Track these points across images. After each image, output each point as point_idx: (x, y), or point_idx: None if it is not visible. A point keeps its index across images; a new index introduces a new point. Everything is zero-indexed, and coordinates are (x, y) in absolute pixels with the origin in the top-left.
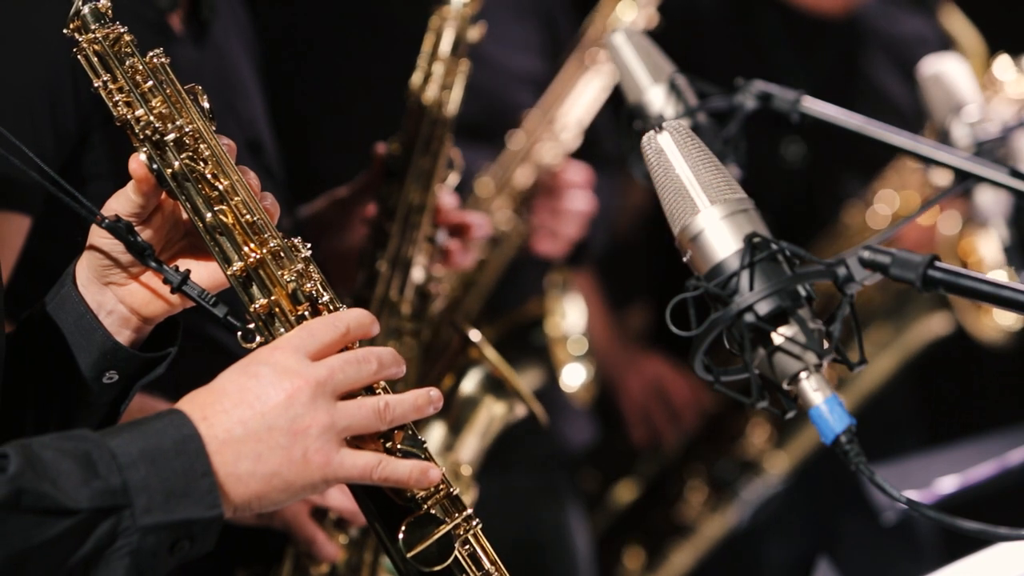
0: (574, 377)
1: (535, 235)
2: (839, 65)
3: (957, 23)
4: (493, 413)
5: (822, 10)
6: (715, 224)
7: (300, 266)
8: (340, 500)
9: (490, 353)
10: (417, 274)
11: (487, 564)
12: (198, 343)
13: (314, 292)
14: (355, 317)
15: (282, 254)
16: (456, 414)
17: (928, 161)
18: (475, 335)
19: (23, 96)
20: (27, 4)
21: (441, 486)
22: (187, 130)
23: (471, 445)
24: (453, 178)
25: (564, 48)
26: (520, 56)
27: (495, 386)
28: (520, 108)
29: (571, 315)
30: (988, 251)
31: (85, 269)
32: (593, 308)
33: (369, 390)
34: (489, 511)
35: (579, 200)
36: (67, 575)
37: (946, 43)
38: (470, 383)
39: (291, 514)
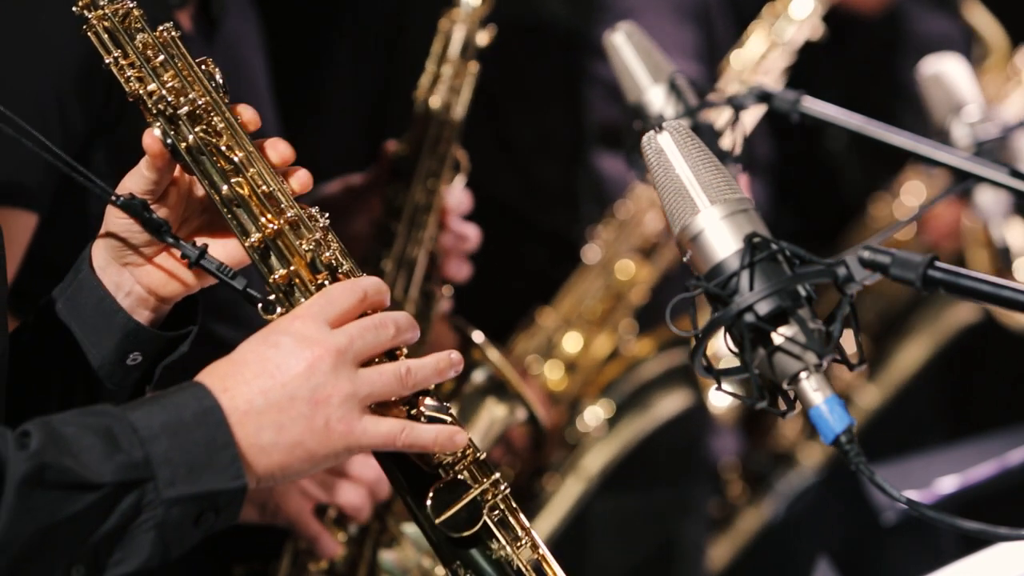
0: (721, 398)
1: None
2: (873, 61)
3: (980, 17)
4: (494, 415)
5: (859, 5)
6: (715, 224)
7: (318, 235)
8: (347, 496)
9: (493, 355)
10: (422, 274)
11: (518, 529)
12: (204, 345)
13: (333, 261)
14: (372, 283)
15: (300, 224)
16: (457, 414)
17: (928, 161)
18: (478, 336)
19: (34, 96)
20: (32, 5)
21: (468, 451)
22: (200, 103)
23: None
24: (459, 180)
25: (722, 51)
26: (677, 61)
27: (497, 388)
28: None
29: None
30: None
31: (102, 250)
32: None
33: (391, 355)
34: (630, 523)
35: None
36: (93, 549)
37: (970, 40)
38: (472, 384)
39: (295, 511)
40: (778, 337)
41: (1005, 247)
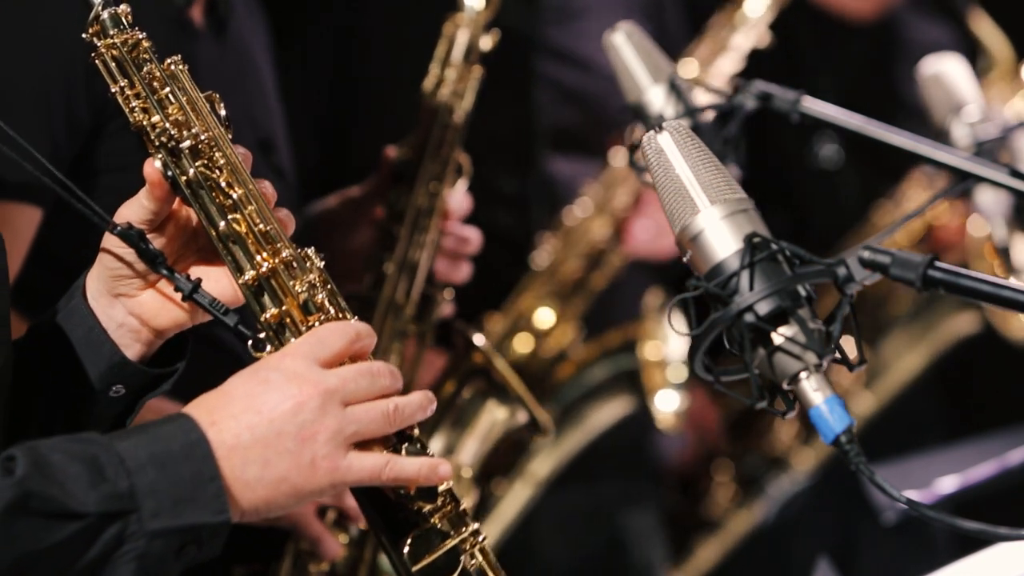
0: (667, 403)
1: (632, 235)
2: (868, 69)
3: (985, 28)
4: (495, 417)
5: (853, 14)
6: (715, 224)
7: (312, 277)
8: (349, 498)
9: (495, 358)
10: (423, 277)
11: None
12: (202, 344)
13: (325, 303)
14: (364, 327)
15: (294, 264)
16: (458, 417)
17: (928, 161)
18: (479, 339)
19: (39, 88)
20: None
21: (448, 502)
22: (203, 138)
23: (471, 448)
24: (461, 184)
25: (674, 47)
26: None
27: (498, 390)
28: (621, 113)
29: (674, 341)
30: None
31: (95, 281)
32: None
33: None
34: (576, 516)
35: None
36: None
37: (970, 50)
38: (474, 387)
39: (298, 512)
40: (778, 337)
41: (1005, 247)
